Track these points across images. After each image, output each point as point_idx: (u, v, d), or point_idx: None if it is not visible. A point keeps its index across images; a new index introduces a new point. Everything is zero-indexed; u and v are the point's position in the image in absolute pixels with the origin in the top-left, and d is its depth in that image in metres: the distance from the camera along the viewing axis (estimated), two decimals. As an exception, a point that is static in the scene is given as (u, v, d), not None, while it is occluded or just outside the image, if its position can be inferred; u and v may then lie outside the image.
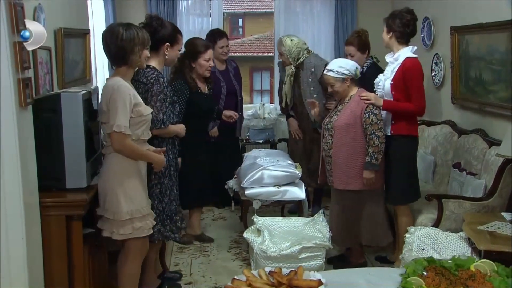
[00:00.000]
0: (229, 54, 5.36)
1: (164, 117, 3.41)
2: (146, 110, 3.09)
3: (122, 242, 3.14)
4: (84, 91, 3.06)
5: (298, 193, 4.29)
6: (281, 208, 4.96)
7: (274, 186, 4.26)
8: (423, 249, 3.22)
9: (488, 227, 3.13)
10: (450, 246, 3.21)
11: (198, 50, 4.26)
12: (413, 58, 3.71)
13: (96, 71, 5.12)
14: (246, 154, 4.89)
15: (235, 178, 4.64)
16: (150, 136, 3.19)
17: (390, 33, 3.77)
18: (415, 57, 3.73)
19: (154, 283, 3.66)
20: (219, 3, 6.32)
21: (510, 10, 3.65)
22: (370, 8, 6.05)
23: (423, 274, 2.44)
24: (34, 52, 3.09)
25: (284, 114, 5.32)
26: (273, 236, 3.83)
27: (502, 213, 3.40)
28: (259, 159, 4.50)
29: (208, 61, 4.31)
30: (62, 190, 2.94)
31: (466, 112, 4.51)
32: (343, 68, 3.75)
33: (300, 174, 4.36)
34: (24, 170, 2.52)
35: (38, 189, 2.78)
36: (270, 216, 4.33)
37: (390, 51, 3.86)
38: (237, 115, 4.73)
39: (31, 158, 2.70)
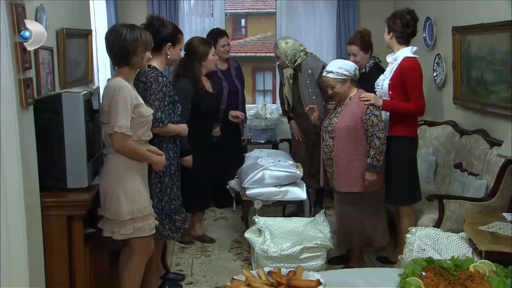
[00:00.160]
0: (231, 54, 5.37)
1: (162, 115, 3.41)
2: (147, 111, 3.09)
3: (125, 242, 3.14)
4: (85, 91, 3.06)
5: (299, 193, 4.28)
6: (282, 208, 4.96)
7: (275, 186, 4.26)
8: (424, 249, 3.21)
9: (489, 228, 3.12)
10: (451, 246, 3.20)
11: (205, 48, 4.28)
12: (411, 58, 3.70)
13: (98, 71, 5.12)
14: (247, 154, 4.89)
15: (237, 178, 4.64)
16: (151, 136, 3.19)
17: (391, 33, 3.77)
18: (414, 57, 3.72)
19: (155, 283, 3.66)
20: (221, 3, 6.33)
21: (511, 10, 3.65)
22: (372, 8, 6.05)
23: (422, 274, 2.44)
24: (36, 52, 3.10)
25: (286, 116, 5.32)
26: (274, 236, 3.83)
27: (503, 213, 3.39)
28: (261, 159, 4.50)
29: (214, 55, 4.37)
30: (63, 190, 2.95)
31: (468, 112, 4.51)
32: (343, 68, 3.72)
33: (301, 174, 4.35)
34: (25, 170, 2.53)
35: (39, 189, 2.79)
36: (271, 216, 4.33)
37: (391, 52, 3.85)
38: (243, 115, 4.73)
39: (32, 158, 2.71)
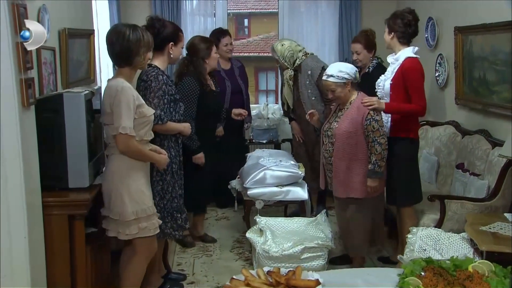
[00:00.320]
0: (234, 54, 5.37)
1: (162, 113, 3.42)
2: (149, 111, 3.10)
3: (128, 241, 3.14)
4: (86, 91, 3.07)
5: (301, 193, 4.28)
6: (284, 208, 4.96)
7: (276, 186, 4.26)
8: (425, 249, 3.20)
9: (490, 228, 3.11)
10: (452, 247, 3.19)
11: (207, 46, 4.29)
12: (413, 58, 3.69)
13: (100, 71, 5.13)
14: (249, 154, 4.89)
15: (238, 178, 4.64)
16: (152, 136, 3.20)
17: (392, 33, 3.75)
18: (416, 57, 3.71)
19: (156, 283, 3.67)
20: (223, 3, 6.33)
21: (511, 11, 3.65)
22: (374, 8, 6.04)
23: (421, 274, 2.44)
24: (38, 52, 3.12)
25: (287, 117, 5.31)
26: (275, 236, 3.83)
27: (505, 214, 3.38)
28: (262, 159, 4.50)
29: (216, 53, 4.39)
30: (65, 190, 2.96)
31: (470, 112, 4.50)
32: (343, 72, 3.64)
33: (303, 174, 4.35)
34: (26, 169, 2.54)
35: (40, 188, 2.80)
36: (273, 216, 4.33)
37: (391, 52, 3.85)
38: (246, 112, 4.74)
39: (34, 157, 2.72)
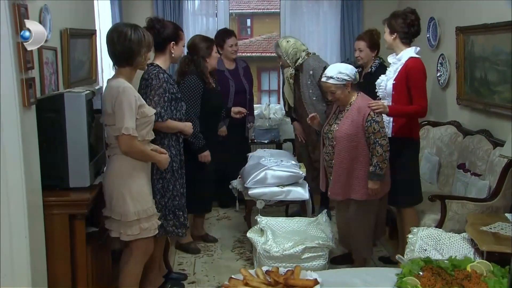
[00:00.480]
0: (237, 54, 5.37)
1: (162, 110, 3.43)
2: (150, 110, 3.11)
3: (127, 242, 3.14)
4: (87, 91, 3.08)
5: (302, 193, 4.29)
6: (285, 208, 4.96)
7: (277, 186, 4.27)
8: (426, 249, 3.19)
9: (491, 228, 3.11)
10: (453, 247, 3.18)
11: (208, 45, 4.29)
12: (416, 58, 3.69)
13: (102, 71, 5.14)
14: (250, 154, 4.89)
15: (239, 178, 4.65)
16: (153, 136, 3.20)
17: (394, 34, 3.73)
18: (418, 57, 3.71)
19: (157, 283, 3.67)
20: (225, 3, 6.33)
21: (511, 11, 3.64)
22: (376, 8, 6.02)
23: (419, 274, 2.44)
24: (40, 52, 3.13)
25: (288, 117, 5.29)
26: (276, 236, 3.83)
27: (506, 214, 3.38)
28: (263, 159, 4.50)
29: (216, 52, 4.41)
30: (65, 189, 2.96)
31: (471, 112, 4.50)
32: (343, 73, 3.59)
33: (303, 174, 4.35)
34: (27, 169, 2.55)
35: (41, 188, 2.81)
36: (275, 216, 4.34)
37: (391, 53, 3.84)
38: (245, 110, 4.74)
39: (35, 157, 2.73)
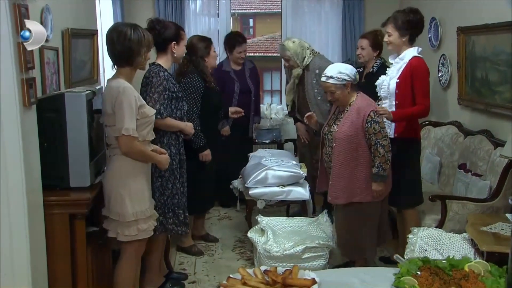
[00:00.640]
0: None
1: (161, 108, 3.44)
2: (150, 111, 3.11)
3: (123, 243, 3.13)
4: (88, 91, 3.08)
5: (302, 193, 4.29)
6: (286, 208, 4.96)
7: (278, 186, 4.27)
8: (426, 250, 3.19)
9: (491, 228, 3.11)
10: (453, 247, 3.18)
11: (206, 45, 4.31)
12: (419, 57, 3.69)
13: (104, 71, 5.15)
14: (251, 154, 4.90)
15: (240, 178, 4.65)
16: (154, 137, 3.20)
17: (396, 33, 3.72)
18: (421, 57, 3.70)
19: (158, 282, 3.68)
20: (227, 4, 6.34)
21: (511, 11, 3.64)
22: (377, 8, 6.02)
23: (417, 273, 2.44)
24: (41, 52, 3.14)
25: (291, 117, 5.25)
26: (276, 236, 3.84)
27: (506, 214, 3.37)
28: (264, 159, 4.51)
29: (214, 51, 4.44)
30: (66, 189, 2.97)
31: (472, 113, 4.49)
32: (343, 73, 3.54)
33: (304, 174, 4.35)
34: (27, 168, 2.56)
35: (41, 187, 2.81)
36: (275, 216, 4.33)
37: (392, 52, 3.83)
38: (242, 111, 4.75)
39: (35, 157, 2.73)
